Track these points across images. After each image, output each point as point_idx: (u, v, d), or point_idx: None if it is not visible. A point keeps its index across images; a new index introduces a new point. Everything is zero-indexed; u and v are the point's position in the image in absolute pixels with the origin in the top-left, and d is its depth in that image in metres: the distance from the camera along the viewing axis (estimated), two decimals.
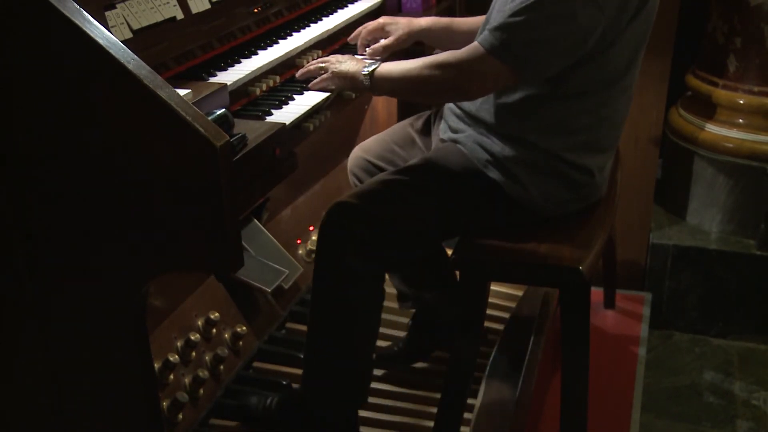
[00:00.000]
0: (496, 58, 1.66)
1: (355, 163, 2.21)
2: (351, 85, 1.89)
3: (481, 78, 1.70)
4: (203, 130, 1.31)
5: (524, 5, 1.62)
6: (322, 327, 1.88)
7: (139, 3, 1.71)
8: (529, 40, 1.64)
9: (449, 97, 1.93)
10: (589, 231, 1.87)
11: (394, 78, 1.81)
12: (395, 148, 2.16)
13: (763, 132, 2.70)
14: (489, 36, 1.67)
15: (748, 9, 2.67)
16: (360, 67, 1.86)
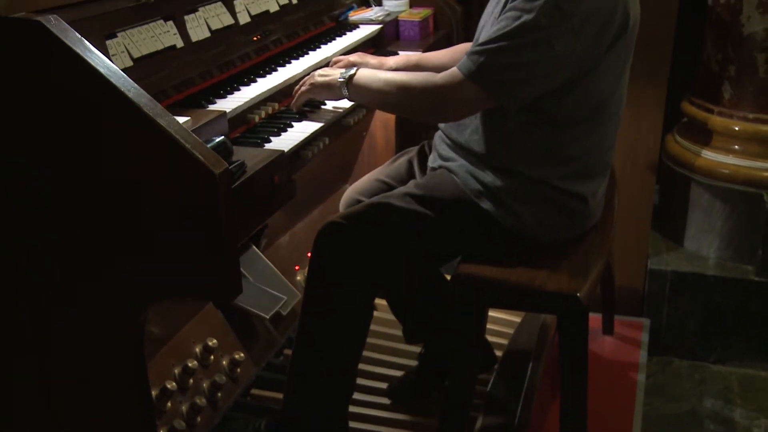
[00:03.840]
0: (473, 82, 1.68)
1: (347, 204, 2.18)
2: (329, 93, 1.92)
3: (458, 102, 1.72)
4: (202, 157, 1.32)
5: (502, 32, 1.64)
6: (308, 342, 1.88)
7: (140, 32, 1.73)
8: (505, 65, 1.66)
9: (426, 119, 1.97)
10: (587, 257, 1.87)
11: (372, 90, 1.84)
12: (391, 183, 2.14)
13: (759, 158, 2.71)
14: (467, 61, 1.69)
15: (741, 38, 2.70)
16: (337, 74, 1.89)
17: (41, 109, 1.39)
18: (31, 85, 1.38)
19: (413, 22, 2.64)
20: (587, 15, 1.63)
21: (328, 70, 1.95)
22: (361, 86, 1.85)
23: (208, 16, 1.95)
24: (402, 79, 1.79)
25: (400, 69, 2.14)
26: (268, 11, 2.18)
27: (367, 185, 2.18)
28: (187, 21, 1.88)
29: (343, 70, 1.89)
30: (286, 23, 2.27)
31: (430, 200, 1.86)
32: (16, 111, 1.41)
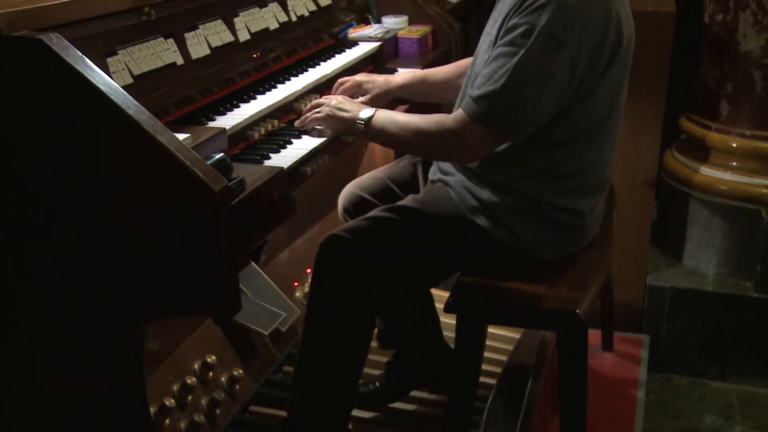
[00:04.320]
0: (483, 125, 1.69)
1: (348, 199, 2.21)
2: (345, 128, 1.91)
3: (471, 146, 1.74)
4: (202, 174, 1.33)
5: (502, 70, 1.65)
6: (311, 357, 1.89)
7: (140, 49, 1.75)
8: (510, 104, 1.67)
9: (442, 160, 1.97)
10: (586, 273, 1.87)
11: (389, 133, 1.84)
12: (392, 186, 2.17)
13: (757, 175, 2.72)
14: (473, 105, 1.69)
15: (738, 55, 2.72)
16: (357, 112, 1.88)
17: (42, 126, 1.40)
18: (32, 103, 1.39)
19: (412, 39, 2.65)
20: (581, 40, 1.64)
21: (347, 104, 1.92)
22: (378, 129, 1.85)
23: (208, 34, 1.96)
24: (416, 123, 1.79)
25: (407, 85, 2.16)
26: (267, 29, 2.20)
27: (369, 182, 2.19)
28: (188, 38, 1.89)
29: (363, 110, 1.88)
30: (286, 40, 2.29)
31: (427, 216, 1.87)
32: (17, 127, 1.41)
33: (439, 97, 2.18)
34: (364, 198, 2.16)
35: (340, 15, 2.64)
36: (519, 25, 1.65)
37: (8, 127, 1.41)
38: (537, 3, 1.64)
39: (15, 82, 1.38)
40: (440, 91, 2.16)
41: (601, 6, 1.66)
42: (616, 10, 1.69)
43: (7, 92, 1.39)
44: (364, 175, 2.25)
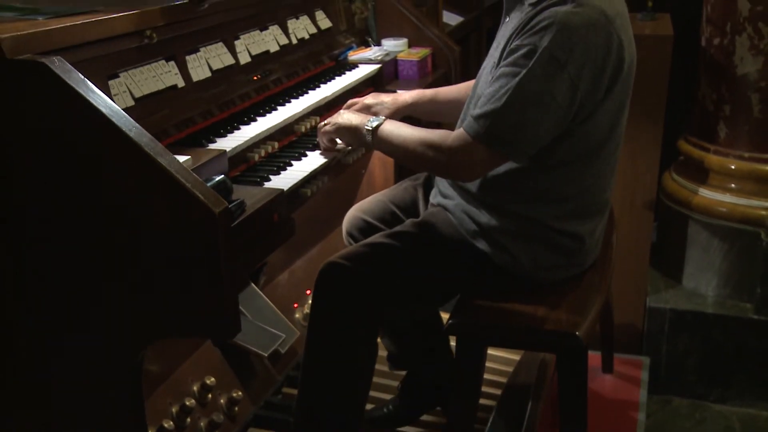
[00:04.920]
0: (484, 145, 1.69)
1: (352, 224, 2.21)
2: (353, 137, 1.92)
3: (471, 165, 1.74)
4: (202, 196, 1.33)
5: (503, 90, 1.66)
6: (313, 381, 1.88)
7: (142, 72, 1.75)
8: (512, 124, 1.67)
9: (442, 177, 1.97)
10: (586, 295, 1.87)
11: (393, 143, 1.85)
12: (394, 209, 2.17)
13: (756, 197, 2.73)
14: (474, 123, 1.70)
15: (735, 78, 2.74)
16: (364, 120, 1.90)
17: (44, 148, 1.40)
18: (35, 124, 1.40)
19: (412, 61, 2.67)
20: (582, 63, 1.64)
21: (355, 115, 1.95)
22: (385, 138, 1.86)
23: (209, 57, 1.98)
24: (419, 137, 1.80)
25: (416, 103, 2.16)
26: (268, 51, 2.21)
27: (371, 205, 2.20)
28: (189, 61, 1.90)
29: (372, 118, 1.89)
30: (286, 63, 2.30)
31: (426, 240, 1.87)
32: (19, 149, 1.42)
33: (448, 116, 2.16)
34: (368, 222, 2.17)
35: (340, 38, 2.65)
36: (522, 46, 1.66)
37: (11, 149, 1.42)
38: (540, 25, 1.65)
39: (18, 104, 1.39)
40: (449, 110, 2.15)
41: (603, 30, 1.67)
42: (618, 35, 1.69)
43: (10, 114, 1.40)
44: (367, 199, 2.26)
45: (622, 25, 1.72)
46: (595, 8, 1.66)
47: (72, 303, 1.49)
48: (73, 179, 1.41)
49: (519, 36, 1.69)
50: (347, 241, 2.22)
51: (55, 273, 1.48)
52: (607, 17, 1.67)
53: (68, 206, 1.43)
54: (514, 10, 1.83)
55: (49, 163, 1.41)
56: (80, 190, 1.41)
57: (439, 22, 3.55)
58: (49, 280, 1.49)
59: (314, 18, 2.50)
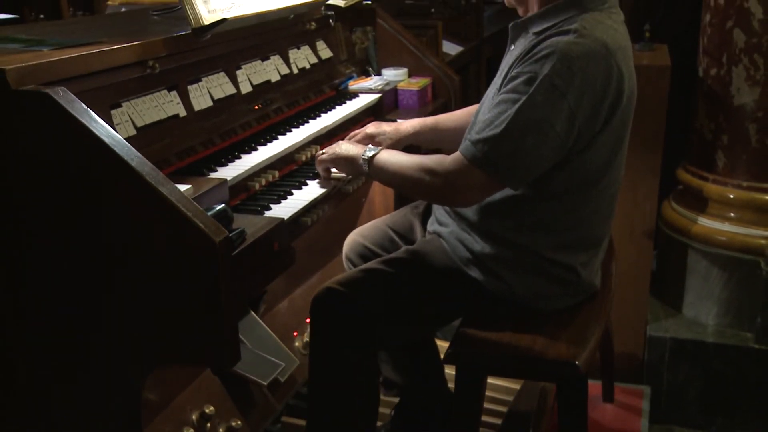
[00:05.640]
0: (481, 170, 1.70)
1: (351, 248, 2.22)
2: (350, 168, 1.93)
3: (467, 189, 1.74)
4: (203, 225, 1.34)
5: (503, 116, 1.66)
6: (319, 406, 1.88)
7: (144, 101, 1.77)
8: (510, 150, 1.67)
9: (438, 203, 1.98)
10: (585, 324, 1.87)
11: (389, 171, 1.86)
12: (393, 236, 2.19)
13: (755, 226, 2.73)
14: (471, 148, 1.70)
15: (732, 108, 2.76)
16: (360, 151, 1.91)
17: (47, 176, 1.41)
18: (38, 154, 1.41)
19: (412, 91, 2.69)
20: (581, 92, 1.65)
21: (353, 145, 1.96)
22: (382, 167, 1.87)
23: (211, 86, 1.99)
24: (416, 162, 1.80)
25: (418, 132, 2.17)
26: (269, 81, 2.24)
27: (371, 231, 2.21)
28: (191, 91, 1.92)
29: (368, 148, 1.90)
30: (287, 92, 2.32)
31: (419, 268, 1.88)
32: (22, 178, 1.43)
33: (450, 144, 2.13)
34: (368, 247, 2.18)
35: (340, 67, 2.68)
36: (522, 73, 1.67)
37: (14, 177, 1.43)
38: (541, 53, 1.66)
39: (23, 133, 1.40)
40: (450, 138, 2.15)
41: (604, 61, 1.68)
42: (619, 66, 1.70)
43: (14, 143, 1.41)
44: (367, 224, 2.28)
45: (623, 57, 1.73)
46: (596, 40, 1.67)
47: (72, 331, 1.49)
48: (74, 208, 1.41)
49: (520, 63, 1.70)
50: (346, 265, 2.23)
51: (55, 300, 1.48)
52: (608, 49, 1.68)
53: (69, 234, 1.43)
54: (519, 38, 1.85)
55: (51, 192, 1.42)
56: (82, 219, 1.41)
57: (438, 52, 3.59)
58: (49, 307, 1.49)
59: (315, 48, 2.53)
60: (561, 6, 1.74)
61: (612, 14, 1.77)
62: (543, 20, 1.76)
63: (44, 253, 1.46)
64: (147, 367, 1.51)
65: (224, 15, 1.88)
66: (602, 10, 1.75)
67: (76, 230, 1.43)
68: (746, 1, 2.66)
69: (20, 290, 1.49)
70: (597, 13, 1.73)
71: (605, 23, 1.72)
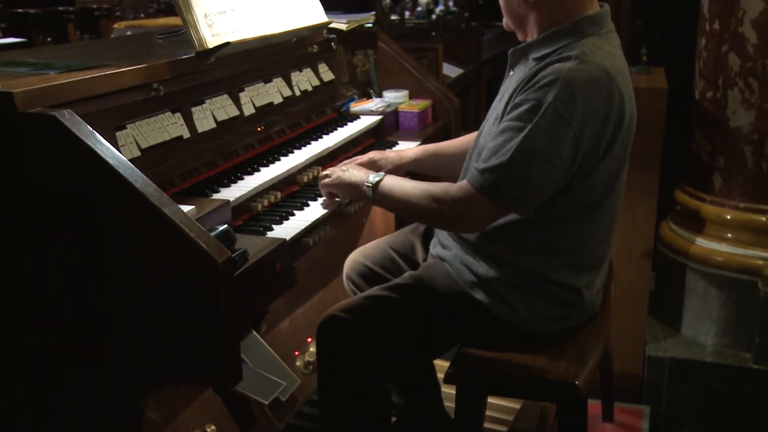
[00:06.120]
0: (488, 198, 1.71)
1: (352, 268, 2.23)
2: (354, 194, 1.93)
3: (474, 216, 1.75)
4: (206, 246, 1.34)
5: (509, 145, 1.67)
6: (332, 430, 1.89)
7: (148, 123, 1.79)
8: (517, 178, 1.68)
9: (445, 229, 1.98)
10: (585, 345, 1.88)
11: (394, 197, 1.86)
12: (395, 256, 2.19)
13: (752, 246, 2.75)
14: (478, 176, 1.71)
15: (729, 130, 2.79)
16: (365, 177, 1.91)
17: (53, 197, 1.43)
18: (44, 174, 1.42)
19: (413, 113, 2.70)
20: (585, 118, 1.66)
21: (356, 171, 1.96)
22: (387, 193, 1.87)
23: (215, 108, 2.01)
24: (422, 190, 1.81)
25: (419, 159, 2.18)
26: (272, 103, 2.25)
27: (373, 251, 2.22)
28: (194, 112, 1.94)
29: (372, 175, 1.91)
30: (289, 114, 2.33)
31: (425, 292, 1.89)
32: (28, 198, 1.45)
33: (451, 171, 2.15)
34: (369, 267, 2.19)
35: (342, 89, 2.70)
36: (526, 101, 1.68)
37: (21, 198, 1.45)
38: (543, 80, 1.67)
39: (30, 155, 1.42)
40: (451, 165, 2.16)
41: (605, 86, 1.69)
42: (620, 91, 1.72)
43: (22, 165, 1.43)
44: (368, 244, 2.28)
45: (623, 82, 1.74)
46: (598, 66, 1.68)
47: (74, 349, 1.50)
48: (79, 227, 1.43)
49: (523, 91, 1.71)
50: (347, 284, 2.24)
51: (57, 318, 1.49)
52: (609, 74, 1.69)
53: (73, 254, 1.44)
54: (518, 63, 1.87)
55: (56, 212, 1.43)
56: (86, 238, 1.43)
57: (439, 75, 3.62)
58: (51, 326, 1.50)
59: (317, 70, 2.55)
60: (560, 32, 1.76)
61: (609, 39, 1.79)
62: (543, 46, 1.77)
63: (48, 271, 1.47)
64: (149, 386, 1.52)
65: (228, 38, 1.91)
66: (600, 35, 1.76)
67: (81, 249, 1.44)
68: (740, 26, 2.70)
69: (23, 308, 1.50)
70: (596, 38, 1.75)
71: (604, 48, 1.74)
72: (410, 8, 5.22)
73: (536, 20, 1.80)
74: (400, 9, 4.99)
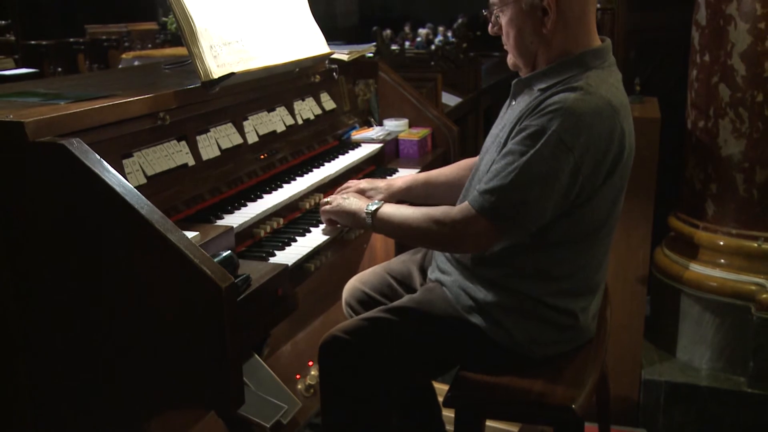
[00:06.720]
0: (487, 219, 1.73)
1: (351, 294, 2.25)
2: (353, 221, 1.96)
3: (474, 237, 1.77)
4: (209, 271, 1.37)
5: (511, 168, 1.70)
6: None
7: (154, 151, 1.82)
8: (517, 201, 1.71)
9: (444, 251, 2.00)
10: (581, 369, 1.89)
11: (394, 224, 1.89)
12: (392, 282, 2.21)
13: (744, 272, 2.77)
14: (479, 198, 1.74)
15: (720, 159, 2.82)
16: (363, 205, 1.94)
17: (61, 223, 1.46)
18: (53, 201, 1.45)
19: (412, 141, 2.73)
20: (586, 148, 1.69)
21: (356, 199, 1.99)
22: (386, 219, 1.90)
23: (219, 136, 2.04)
24: (421, 213, 1.84)
25: (410, 188, 2.20)
26: (275, 131, 2.29)
27: (371, 277, 2.24)
28: (199, 141, 1.97)
29: (370, 203, 1.94)
30: (292, 142, 2.36)
31: (424, 316, 1.91)
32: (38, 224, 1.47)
33: (442, 199, 2.17)
34: (367, 293, 2.21)
35: (343, 118, 2.73)
36: (530, 126, 1.71)
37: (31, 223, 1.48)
38: (549, 108, 1.70)
39: (39, 182, 1.45)
40: (442, 193, 2.19)
41: (609, 119, 1.71)
42: (622, 125, 1.75)
43: (32, 191, 1.46)
44: (367, 270, 2.30)
45: (625, 115, 1.78)
46: (602, 98, 1.71)
47: (78, 373, 1.52)
48: (86, 252, 1.45)
49: (528, 117, 1.74)
50: (346, 311, 2.26)
51: (61, 342, 1.51)
52: (612, 107, 1.72)
53: (80, 278, 1.47)
54: (522, 94, 1.89)
55: (64, 237, 1.46)
56: (92, 263, 1.45)
57: (438, 103, 3.65)
58: (57, 349, 1.52)
59: (319, 99, 2.58)
60: (566, 64, 1.79)
61: (612, 72, 1.82)
62: (548, 77, 1.80)
63: (54, 295, 1.49)
64: (152, 410, 1.54)
65: (232, 69, 1.94)
66: (603, 68, 1.80)
67: (87, 274, 1.46)
68: (729, 59, 2.74)
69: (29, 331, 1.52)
70: (600, 71, 1.78)
71: (608, 81, 1.77)
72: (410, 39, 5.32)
73: (545, 54, 1.83)
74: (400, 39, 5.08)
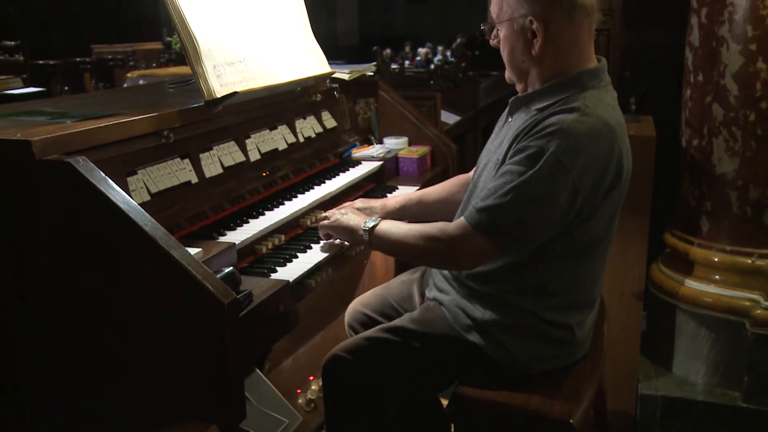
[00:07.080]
0: (484, 235, 1.74)
1: (353, 317, 2.28)
2: (351, 238, 1.98)
3: (471, 254, 1.79)
4: (212, 287, 1.39)
5: (509, 186, 1.71)
6: None
7: (158, 169, 1.84)
8: (514, 220, 1.72)
9: (441, 267, 2.02)
10: (579, 383, 1.90)
11: (391, 240, 1.91)
12: (392, 302, 2.24)
13: (739, 288, 2.79)
14: (476, 214, 1.75)
15: (714, 176, 2.84)
16: (361, 221, 1.96)
17: (66, 240, 1.48)
18: (59, 218, 1.47)
19: (412, 158, 2.75)
20: (584, 169, 1.69)
21: (354, 216, 2.00)
22: (383, 236, 1.92)
23: (222, 154, 2.07)
24: (418, 230, 1.85)
25: (404, 207, 2.22)
26: (277, 149, 2.31)
27: (371, 299, 2.26)
28: (202, 159, 1.99)
29: (368, 219, 1.96)
30: (293, 160, 2.39)
31: (422, 335, 1.93)
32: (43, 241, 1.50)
33: (435, 217, 2.17)
34: (369, 315, 2.24)
35: (344, 136, 2.75)
36: (528, 147, 1.71)
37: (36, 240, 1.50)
38: (547, 129, 1.70)
39: (45, 199, 1.47)
40: (436, 211, 2.21)
41: (606, 140, 1.72)
42: (619, 145, 1.76)
43: (38, 209, 1.48)
44: (367, 293, 2.33)
45: (622, 135, 1.79)
46: (599, 119, 1.73)
47: (80, 388, 1.54)
48: (90, 268, 1.47)
49: (526, 137, 1.75)
50: (348, 332, 2.29)
51: (65, 356, 1.53)
52: (610, 128, 1.74)
53: (84, 293, 1.49)
54: (518, 111, 1.91)
55: (69, 253, 1.48)
56: (97, 279, 1.47)
57: (437, 122, 3.68)
58: (60, 363, 1.54)
59: (320, 118, 2.61)
60: (562, 84, 1.80)
61: (608, 92, 1.84)
62: (545, 97, 1.82)
63: (59, 309, 1.51)
64: (154, 424, 1.55)
65: (235, 88, 1.97)
66: (600, 88, 1.81)
67: (91, 289, 1.48)
68: (722, 79, 2.77)
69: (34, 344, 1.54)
70: (596, 91, 1.79)
71: (605, 101, 1.79)
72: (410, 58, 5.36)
73: (538, 74, 1.84)
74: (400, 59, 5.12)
